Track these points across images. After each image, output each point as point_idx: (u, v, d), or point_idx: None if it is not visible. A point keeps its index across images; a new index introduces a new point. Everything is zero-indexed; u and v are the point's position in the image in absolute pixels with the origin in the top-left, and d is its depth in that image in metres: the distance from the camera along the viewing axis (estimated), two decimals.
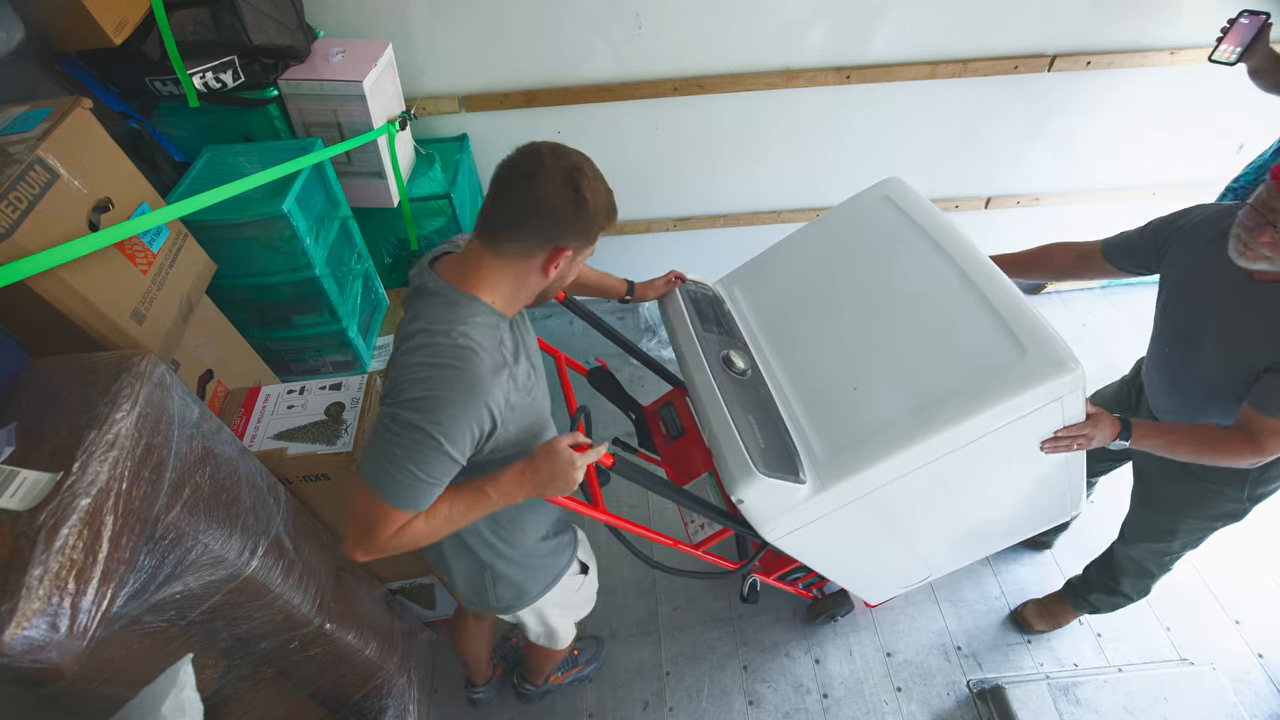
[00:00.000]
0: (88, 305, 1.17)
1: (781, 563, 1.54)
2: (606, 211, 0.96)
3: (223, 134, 1.85)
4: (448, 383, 0.88)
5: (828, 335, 1.30)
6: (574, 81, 2.16)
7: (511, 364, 0.98)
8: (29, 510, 0.80)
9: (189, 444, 1.05)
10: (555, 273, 0.97)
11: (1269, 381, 1.09)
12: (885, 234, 1.37)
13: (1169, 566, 1.56)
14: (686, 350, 1.30)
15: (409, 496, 0.88)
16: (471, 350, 0.91)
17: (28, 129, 1.14)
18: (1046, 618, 1.86)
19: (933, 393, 1.10)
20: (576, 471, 0.94)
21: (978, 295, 1.17)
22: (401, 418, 0.86)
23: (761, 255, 1.54)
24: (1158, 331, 1.33)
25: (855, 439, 1.13)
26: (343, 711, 1.57)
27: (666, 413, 1.56)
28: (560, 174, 0.91)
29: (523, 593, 1.24)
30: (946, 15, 2.10)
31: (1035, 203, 2.71)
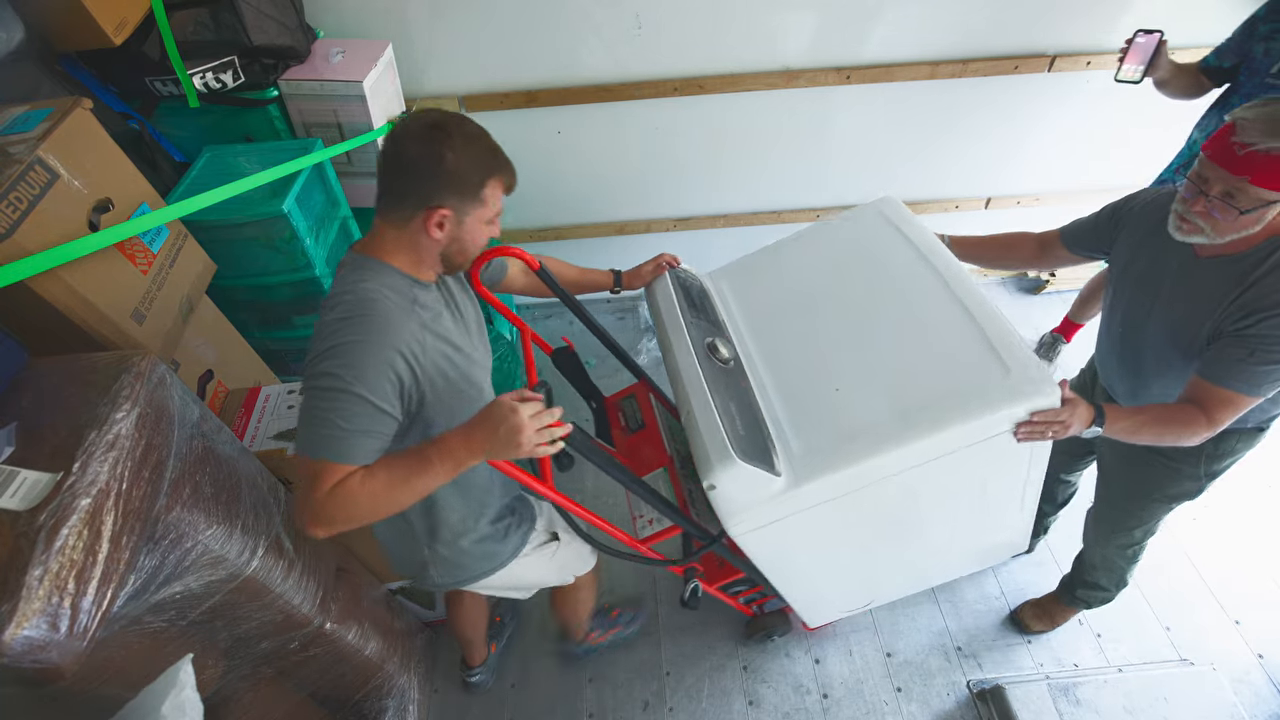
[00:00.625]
0: (88, 305, 1.17)
1: (726, 572, 1.52)
2: (480, 168, 0.95)
3: (223, 134, 1.85)
4: (351, 328, 0.90)
5: (813, 336, 1.30)
6: (574, 82, 2.16)
7: (429, 320, 1.00)
8: (29, 510, 0.80)
9: (189, 444, 1.05)
10: (444, 234, 0.97)
11: (1215, 351, 1.11)
12: (878, 247, 1.39)
13: (1135, 556, 1.58)
14: (672, 332, 1.30)
15: (333, 447, 0.86)
16: (372, 298, 0.93)
17: (28, 129, 1.14)
18: (1044, 618, 1.86)
19: (916, 400, 1.12)
20: (525, 429, 0.86)
21: (965, 313, 1.19)
22: (315, 374, 0.88)
23: (752, 255, 1.55)
24: (1108, 313, 1.35)
25: (834, 438, 1.13)
26: (343, 711, 1.57)
27: (628, 405, 1.55)
28: (419, 133, 0.92)
29: (463, 571, 1.24)
30: (946, 15, 2.10)
31: (1035, 203, 2.71)
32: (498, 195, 1.00)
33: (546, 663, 1.90)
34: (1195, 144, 1.89)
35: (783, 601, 1.63)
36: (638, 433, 1.48)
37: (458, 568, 1.23)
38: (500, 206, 1.02)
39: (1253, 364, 1.06)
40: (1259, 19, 1.68)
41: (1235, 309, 1.09)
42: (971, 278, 1.25)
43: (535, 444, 0.88)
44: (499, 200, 1.01)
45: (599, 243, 2.66)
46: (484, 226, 1.02)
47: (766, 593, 1.66)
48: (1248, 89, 1.70)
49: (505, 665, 1.89)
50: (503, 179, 1.00)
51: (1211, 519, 2.10)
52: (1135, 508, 1.46)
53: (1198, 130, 1.89)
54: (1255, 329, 1.06)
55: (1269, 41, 1.64)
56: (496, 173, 0.98)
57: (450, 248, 1.01)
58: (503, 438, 0.87)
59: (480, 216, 1.00)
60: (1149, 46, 1.68)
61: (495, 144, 0.99)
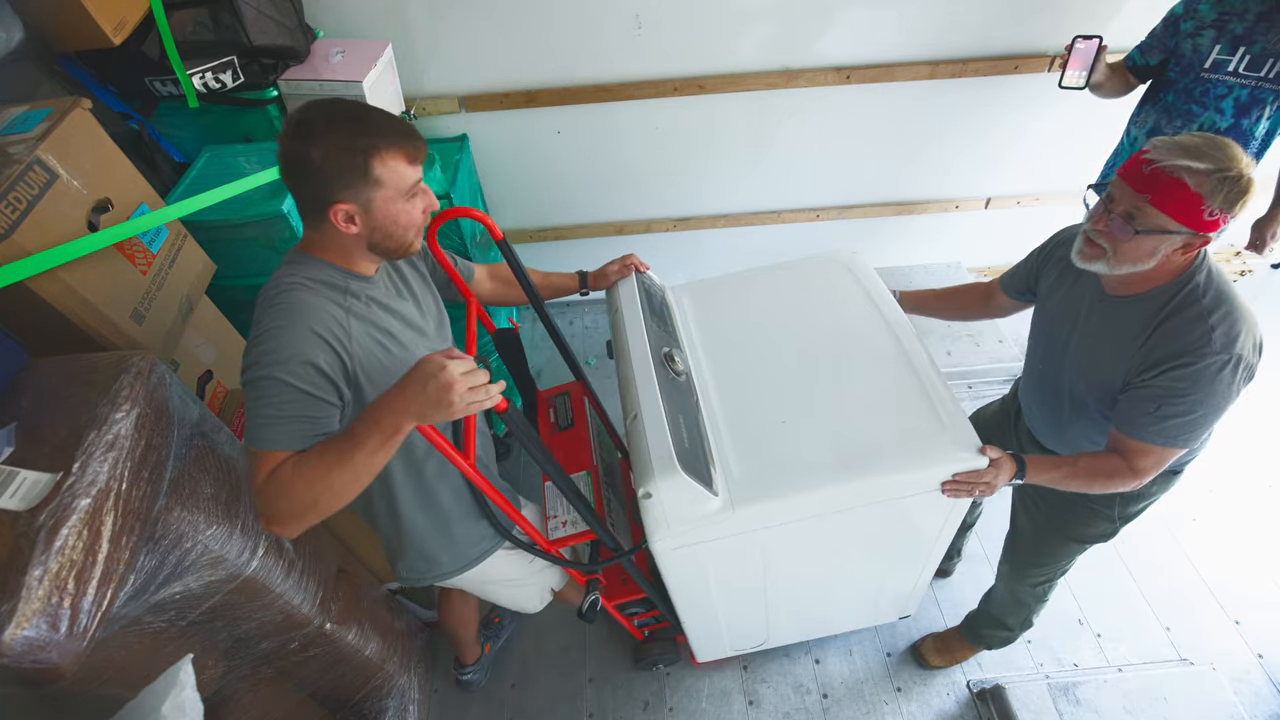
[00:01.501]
0: (87, 305, 1.17)
1: (627, 590, 1.51)
2: (354, 151, 0.89)
3: (222, 134, 1.85)
4: (269, 317, 0.89)
5: (766, 368, 1.33)
6: (574, 81, 2.17)
7: (361, 309, 0.98)
8: (29, 510, 0.80)
9: (189, 444, 1.05)
10: (358, 226, 0.93)
11: (1125, 403, 1.09)
12: (839, 297, 1.44)
13: (1044, 596, 1.56)
14: (631, 335, 1.29)
15: (262, 434, 0.85)
16: (289, 287, 0.92)
17: (27, 129, 1.14)
18: (944, 653, 1.82)
19: (856, 445, 1.16)
20: (456, 384, 0.79)
21: (910, 370, 1.25)
22: (243, 369, 0.88)
23: (716, 278, 1.58)
24: (1030, 349, 1.34)
25: (775, 468, 1.15)
26: (343, 711, 1.57)
27: (561, 402, 1.54)
28: (289, 134, 0.91)
29: (433, 565, 1.22)
30: (947, 15, 2.10)
31: (1035, 202, 2.71)
32: (397, 167, 0.92)
33: (546, 663, 1.90)
34: (1136, 141, 1.94)
35: (676, 630, 1.64)
36: (566, 431, 1.48)
37: (424, 561, 1.22)
38: (411, 176, 0.94)
39: (1161, 417, 1.04)
40: (1178, 16, 1.73)
41: (1140, 357, 1.07)
42: (918, 340, 1.31)
43: (467, 402, 0.81)
44: (404, 172, 0.93)
45: (599, 243, 2.66)
46: (401, 203, 0.94)
47: (662, 619, 1.67)
48: (1182, 84, 1.75)
49: (505, 665, 1.89)
50: (390, 151, 0.90)
51: (1211, 519, 2.10)
52: (1049, 545, 1.43)
53: (1136, 128, 1.94)
54: (1157, 380, 1.04)
55: (1195, 38, 1.69)
56: (377, 149, 0.89)
57: (374, 237, 0.96)
58: (431, 395, 0.79)
59: (386, 198, 0.93)
60: (1089, 52, 1.74)
61: (371, 118, 0.90)
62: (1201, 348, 1.01)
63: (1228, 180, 0.93)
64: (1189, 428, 1.05)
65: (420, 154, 0.95)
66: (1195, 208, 0.95)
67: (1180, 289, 1.05)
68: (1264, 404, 2.49)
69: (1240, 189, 0.94)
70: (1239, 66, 1.65)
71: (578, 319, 2.92)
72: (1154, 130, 1.86)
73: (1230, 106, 1.70)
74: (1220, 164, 0.93)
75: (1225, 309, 1.02)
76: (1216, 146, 0.95)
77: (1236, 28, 1.64)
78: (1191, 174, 0.94)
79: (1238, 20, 1.63)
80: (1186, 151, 0.95)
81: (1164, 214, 0.97)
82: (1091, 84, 1.83)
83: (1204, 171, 0.93)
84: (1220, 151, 0.94)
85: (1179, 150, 0.95)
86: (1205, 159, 0.94)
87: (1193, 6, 1.70)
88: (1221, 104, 1.70)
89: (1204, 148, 0.95)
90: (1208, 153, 0.94)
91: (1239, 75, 1.66)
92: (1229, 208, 0.95)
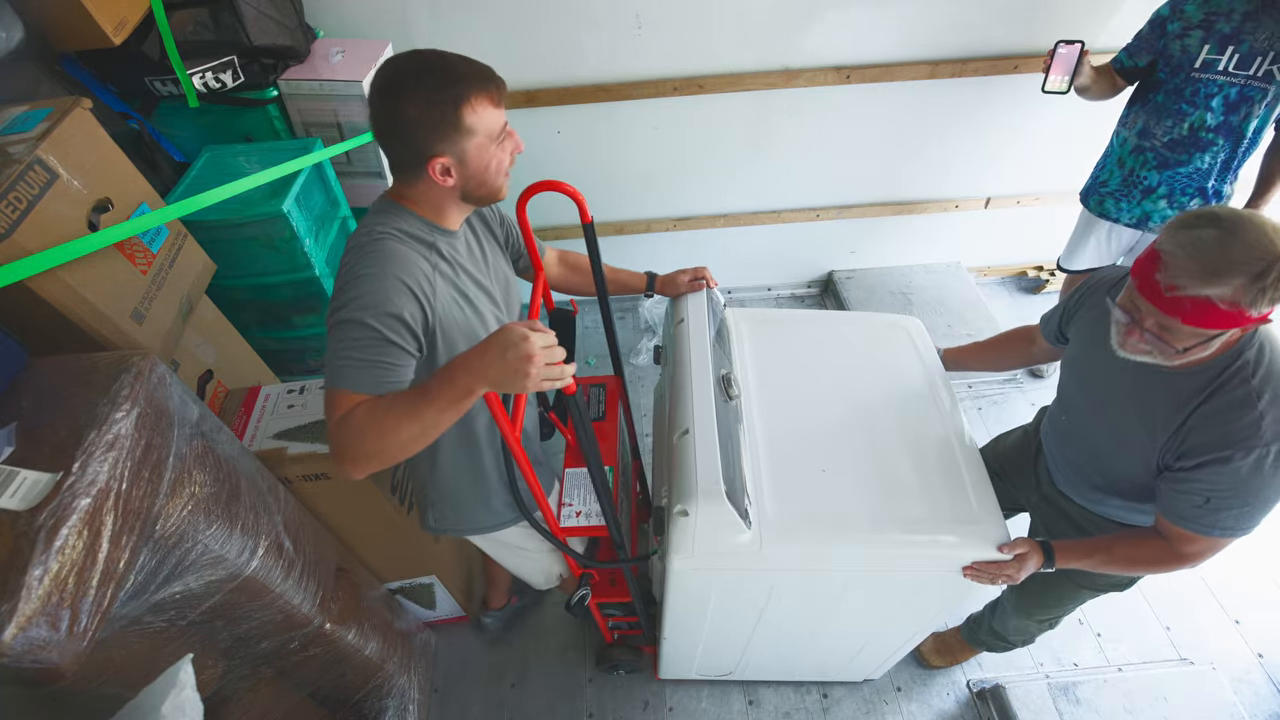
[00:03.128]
0: (87, 305, 1.17)
1: (614, 592, 1.51)
2: (445, 101, 0.89)
3: (222, 134, 1.85)
4: (359, 264, 0.92)
5: (813, 412, 1.33)
6: (574, 81, 2.17)
7: (445, 269, 1.01)
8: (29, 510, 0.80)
9: (189, 444, 1.05)
10: (454, 178, 0.96)
11: (1169, 491, 1.02)
12: (895, 358, 1.45)
13: (1052, 625, 1.54)
14: (695, 349, 1.29)
15: (344, 376, 0.88)
16: (380, 237, 0.95)
17: (27, 129, 1.14)
18: (945, 654, 1.82)
19: (890, 510, 1.16)
20: (536, 358, 0.79)
21: (952, 451, 1.26)
22: (330, 311, 0.91)
23: (778, 310, 1.61)
24: (1058, 396, 1.29)
25: (809, 515, 1.15)
26: (343, 711, 1.57)
27: (596, 393, 1.54)
28: (379, 92, 0.91)
29: (462, 519, 1.28)
30: (946, 15, 2.10)
31: (1035, 202, 2.71)
32: (484, 111, 0.92)
33: (546, 663, 1.90)
34: (1126, 142, 1.95)
35: (645, 640, 1.65)
36: (596, 422, 1.48)
37: (454, 514, 1.26)
38: (498, 120, 0.95)
39: (1213, 509, 0.97)
40: (1165, 18, 1.74)
41: (1179, 438, 0.98)
42: (965, 423, 1.31)
43: (543, 378, 0.81)
44: (490, 115, 0.94)
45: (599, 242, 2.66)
46: (492, 148, 0.96)
47: (636, 626, 1.67)
48: (1172, 84, 1.76)
49: (505, 665, 1.89)
50: (477, 95, 0.91)
51: None
52: (1058, 589, 1.38)
53: (1126, 129, 1.95)
54: (1201, 473, 0.96)
55: (1184, 39, 1.70)
56: (467, 95, 0.90)
57: (468, 185, 0.98)
58: (510, 364, 0.79)
59: (478, 145, 0.95)
60: (1071, 56, 1.76)
61: (454, 64, 0.91)
62: (1249, 439, 0.91)
63: (1267, 281, 0.81)
64: (1245, 518, 0.97)
65: (502, 95, 0.95)
66: (1236, 318, 0.85)
67: (1227, 365, 0.94)
68: None
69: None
70: (1228, 65, 1.66)
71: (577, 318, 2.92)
72: (1144, 131, 1.87)
73: (1220, 105, 1.71)
74: (1250, 270, 0.81)
75: (1276, 388, 0.91)
76: (1237, 247, 0.81)
77: (1224, 27, 1.65)
78: (1221, 300, 0.83)
79: (1224, 20, 1.64)
80: (1207, 272, 0.83)
81: (1200, 327, 0.87)
82: (1077, 87, 1.85)
83: (1233, 290, 0.82)
84: (1245, 249, 0.81)
85: (1199, 274, 0.83)
86: (1229, 276, 0.82)
87: (1179, 7, 1.71)
88: (1211, 102, 1.71)
89: (1225, 259, 0.82)
90: (1232, 262, 0.81)
91: (1228, 74, 1.67)
92: (1278, 299, 0.83)
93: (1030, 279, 3.07)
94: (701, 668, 1.70)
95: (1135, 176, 1.94)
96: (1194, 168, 1.83)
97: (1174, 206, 1.93)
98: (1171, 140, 1.83)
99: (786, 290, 3.06)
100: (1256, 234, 0.82)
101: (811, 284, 3.05)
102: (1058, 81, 1.79)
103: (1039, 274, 3.03)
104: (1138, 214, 1.99)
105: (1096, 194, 2.06)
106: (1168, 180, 1.88)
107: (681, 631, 1.44)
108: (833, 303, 2.97)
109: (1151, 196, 1.93)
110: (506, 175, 1.02)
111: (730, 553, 1.11)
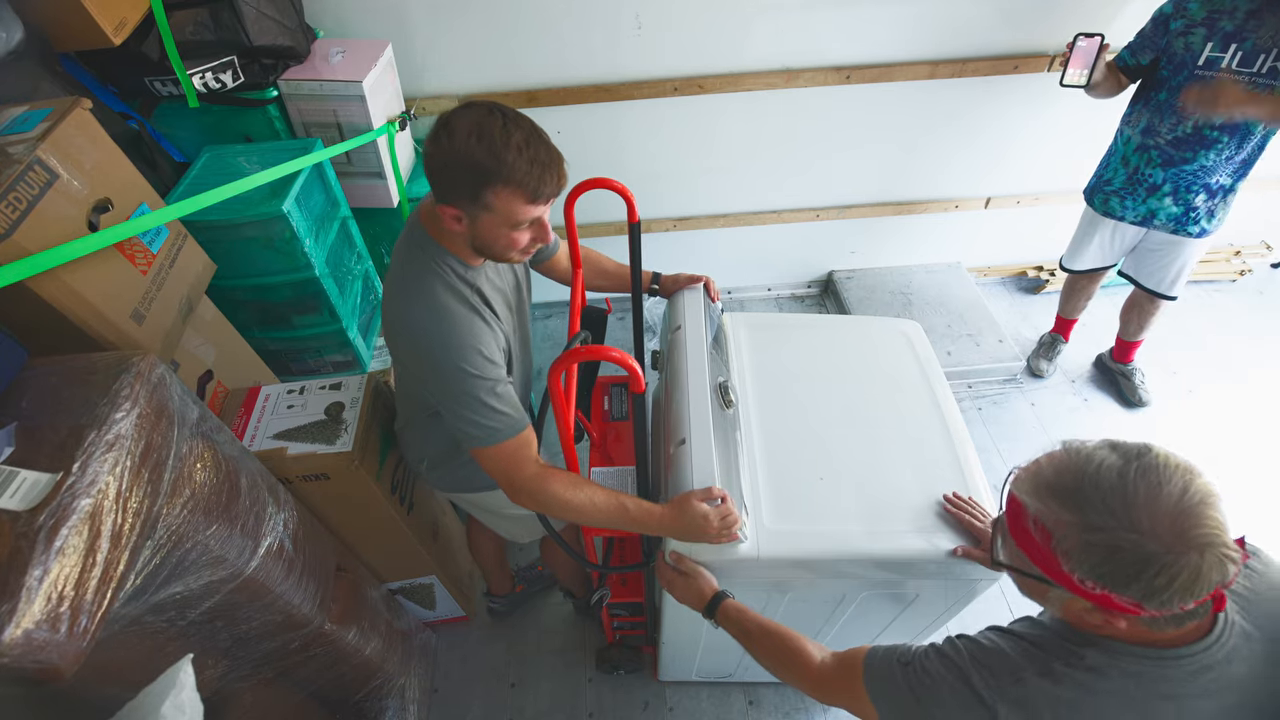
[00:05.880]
0: (87, 305, 1.17)
1: (625, 592, 1.50)
2: (472, 174, 0.89)
3: (222, 134, 1.85)
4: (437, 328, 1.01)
5: (810, 419, 1.31)
6: (574, 81, 2.17)
7: (479, 303, 1.07)
8: (29, 510, 0.80)
9: (189, 444, 1.05)
10: (462, 229, 0.98)
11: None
12: (895, 365, 1.44)
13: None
14: (693, 357, 1.28)
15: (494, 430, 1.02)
16: (434, 292, 1.03)
17: (27, 129, 1.14)
18: None
19: (888, 516, 1.15)
20: (711, 530, 1.03)
21: (952, 458, 1.24)
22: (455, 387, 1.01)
23: (776, 314, 1.59)
24: None
25: (807, 525, 1.14)
26: (343, 711, 1.57)
27: (618, 392, 1.55)
28: (429, 137, 0.93)
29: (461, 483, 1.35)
30: (947, 15, 2.10)
31: (1035, 203, 2.71)
32: (511, 202, 0.92)
33: (546, 663, 1.90)
34: (1130, 140, 1.95)
35: (646, 641, 1.64)
36: (619, 421, 1.48)
37: (450, 477, 1.34)
38: (524, 215, 0.94)
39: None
40: (1168, 15, 1.75)
41: None
42: (965, 428, 1.30)
43: (718, 538, 1.05)
44: (515, 207, 0.92)
45: (599, 242, 2.66)
46: (505, 231, 0.97)
47: (639, 627, 1.68)
48: (1176, 82, 1.77)
49: (505, 665, 1.89)
50: (510, 189, 0.90)
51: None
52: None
53: (1130, 128, 1.95)
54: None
55: (1187, 37, 1.71)
56: (496, 181, 0.89)
57: (475, 243, 1.01)
58: (696, 534, 1.04)
59: (491, 223, 0.95)
60: (1091, 50, 1.75)
61: (506, 152, 0.88)
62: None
63: (1094, 538, 0.64)
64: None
65: (544, 194, 0.94)
66: (1049, 560, 0.68)
67: (1041, 639, 0.77)
68: (1264, 406, 2.50)
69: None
70: (1232, 63, 1.67)
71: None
72: (1148, 129, 1.87)
73: None
74: (1089, 516, 0.64)
75: (1019, 705, 0.73)
76: (1104, 487, 0.64)
77: (1227, 25, 1.65)
78: (1033, 518, 0.70)
79: (1227, 18, 1.65)
80: (1041, 483, 0.69)
81: (1018, 545, 0.72)
82: (1090, 83, 1.84)
83: (1051, 516, 0.67)
84: (1108, 494, 0.64)
85: (1033, 479, 0.70)
86: (1057, 500, 0.67)
87: (1182, 5, 1.71)
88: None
89: (1076, 487, 0.66)
90: (1075, 493, 0.66)
91: (1232, 72, 1.68)
92: (1105, 579, 0.64)
93: (1030, 279, 3.07)
94: (701, 671, 1.70)
95: (1140, 174, 1.94)
96: (1199, 165, 1.84)
97: (1179, 204, 1.93)
98: (1175, 138, 1.83)
99: (786, 290, 3.06)
100: (1147, 497, 0.62)
101: (811, 284, 3.06)
102: (1077, 75, 1.77)
103: (1039, 274, 3.03)
104: (1143, 212, 2.00)
105: (1101, 193, 2.06)
106: (1173, 178, 1.89)
107: (680, 636, 1.44)
108: (833, 303, 2.97)
109: (1157, 194, 1.93)
110: (523, 255, 1.04)
111: (727, 563, 1.11)
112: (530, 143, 0.90)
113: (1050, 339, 2.65)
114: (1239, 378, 2.60)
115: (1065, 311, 2.55)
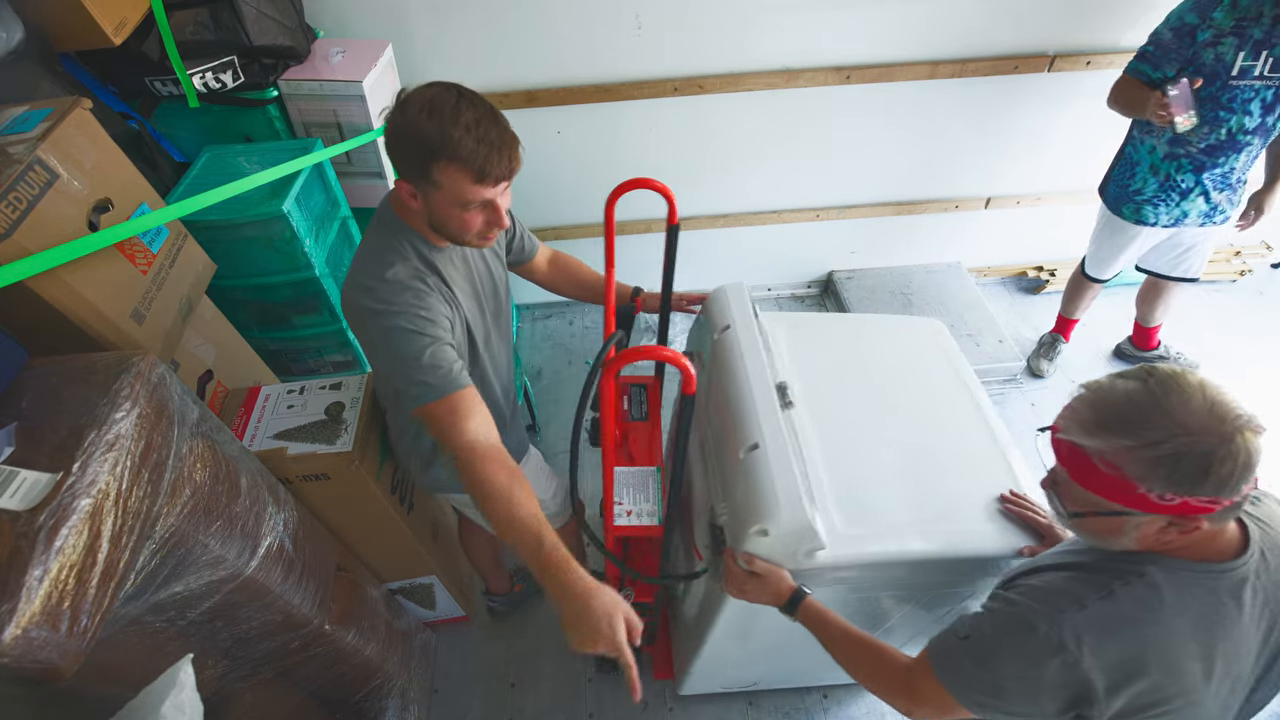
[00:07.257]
0: (87, 305, 1.17)
1: (644, 590, 1.49)
2: (419, 148, 0.89)
3: (222, 134, 1.85)
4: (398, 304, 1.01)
5: (861, 420, 1.27)
6: (574, 81, 2.17)
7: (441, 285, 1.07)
8: (29, 510, 0.80)
9: (189, 444, 1.05)
10: (418, 205, 0.99)
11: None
12: (928, 363, 1.43)
13: None
14: (750, 357, 1.24)
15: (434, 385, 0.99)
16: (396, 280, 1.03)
17: (27, 129, 1.14)
18: None
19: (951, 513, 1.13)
20: (604, 640, 0.82)
21: (998, 453, 1.23)
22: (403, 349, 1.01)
23: (806, 313, 1.57)
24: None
25: (875, 529, 1.10)
26: (343, 711, 1.57)
27: (638, 393, 1.54)
28: (414, 93, 0.93)
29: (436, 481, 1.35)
30: (947, 15, 2.10)
31: (1035, 203, 2.71)
32: (457, 180, 0.91)
33: (546, 663, 1.90)
34: (1155, 150, 1.96)
35: (647, 641, 1.63)
36: (639, 422, 1.48)
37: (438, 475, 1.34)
38: (472, 195, 0.93)
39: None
40: (1194, 26, 1.72)
41: None
42: (1004, 427, 1.29)
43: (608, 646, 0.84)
44: (464, 188, 0.92)
45: (599, 243, 2.66)
46: (456, 212, 0.96)
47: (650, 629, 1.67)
48: (1208, 92, 1.76)
49: (505, 665, 1.89)
50: (455, 165, 0.90)
51: None
52: None
53: (1152, 137, 1.95)
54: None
55: (1217, 47, 1.70)
56: (441, 157, 0.89)
57: (432, 220, 1.01)
58: (582, 619, 0.82)
59: (442, 200, 0.95)
60: (1185, 92, 1.72)
61: (453, 130, 0.88)
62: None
63: (1160, 453, 0.71)
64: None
65: (491, 175, 0.93)
66: (1125, 488, 0.74)
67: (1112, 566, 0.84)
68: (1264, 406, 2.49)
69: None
70: (1264, 69, 1.68)
71: (578, 319, 2.93)
72: (1176, 139, 1.88)
73: (1258, 108, 1.74)
74: (1143, 436, 0.72)
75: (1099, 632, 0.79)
76: (1143, 408, 0.73)
77: (1256, 33, 1.65)
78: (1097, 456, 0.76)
79: (1256, 25, 1.65)
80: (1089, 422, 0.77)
81: (1087, 489, 0.78)
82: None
83: (1112, 449, 0.74)
84: (1150, 413, 0.72)
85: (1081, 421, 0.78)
86: (1111, 433, 0.74)
87: (1207, 15, 1.69)
88: (1249, 106, 1.74)
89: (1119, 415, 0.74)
90: (1125, 420, 0.74)
91: (1265, 78, 1.70)
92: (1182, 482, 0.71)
93: (1030, 279, 3.07)
94: (728, 681, 1.68)
95: (1171, 181, 1.96)
96: (1230, 166, 1.88)
97: (1209, 201, 1.97)
98: (1209, 146, 1.85)
99: (787, 290, 3.06)
100: (1179, 403, 0.70)
101: (811, 284, 3.06)
102: (1187, 119, 1.74)
103: (1039, 274, 3.03)
104: (1176, 214, 2.03)
105: (1132, 203, 2.05)
106: (1204, 180, 1.93)
107: (723, 649, 1.41)
108: (832, 303, 2.97)
109: (1189, 196, 1.97)
110: (480, 237, 1.02)
111: (805, 572, 1.07)
112: (481, 122, 0.91)
113: (1051, 339, 2.65)
114: (1238, 377, 2.60)
115: (1068, 311, 2.55)
